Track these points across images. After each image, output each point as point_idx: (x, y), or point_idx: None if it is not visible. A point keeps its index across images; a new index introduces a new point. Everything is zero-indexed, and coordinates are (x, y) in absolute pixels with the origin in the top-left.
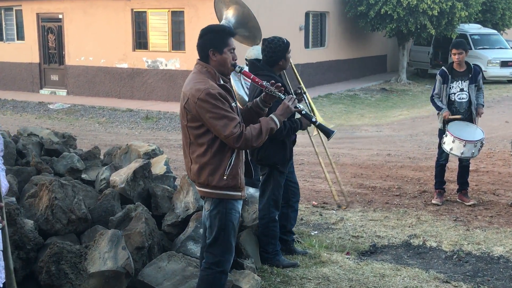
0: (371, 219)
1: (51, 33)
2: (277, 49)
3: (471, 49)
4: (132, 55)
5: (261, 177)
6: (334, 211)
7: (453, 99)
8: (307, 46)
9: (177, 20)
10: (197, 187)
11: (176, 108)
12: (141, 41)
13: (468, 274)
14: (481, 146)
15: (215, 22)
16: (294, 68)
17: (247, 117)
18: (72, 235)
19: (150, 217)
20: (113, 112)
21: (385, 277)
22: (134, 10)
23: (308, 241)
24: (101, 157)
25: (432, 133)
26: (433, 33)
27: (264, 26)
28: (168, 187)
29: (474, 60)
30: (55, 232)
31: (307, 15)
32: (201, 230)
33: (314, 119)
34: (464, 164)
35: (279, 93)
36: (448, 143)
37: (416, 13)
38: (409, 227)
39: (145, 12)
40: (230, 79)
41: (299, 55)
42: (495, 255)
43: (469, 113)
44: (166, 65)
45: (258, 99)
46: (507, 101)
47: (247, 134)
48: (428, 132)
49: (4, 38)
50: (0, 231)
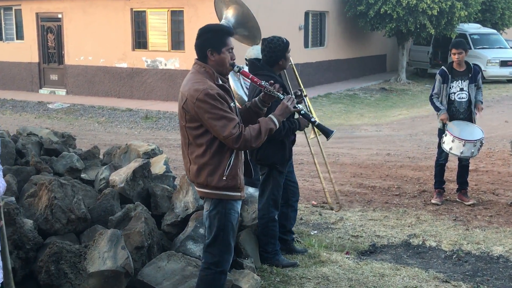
0: (370, 218)
1: (51, 33)
2: (276, 49)
3: (470, 48)
4: (131, 55)
5: (260, 176)
6: (334, 211)
7: (453, 99)
8: (306, 45)
9: (176, 19)
10: (196, 188)
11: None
12: (140, 40)
13: (467, 273)
14: (480, 146)
15: (214, 22)
16: (295, 69)
17: (246, 117)
18: (72, 234)
19: (150, 216)
20: (113, 112)
21: (384, 277)
22: (134, 10)
23: (308, 241)
24: (101, 156)
25: (432, 132)
26: (432, 33)
27: (263, 26)
28: (168, 187)
29: (474, 59)
30: (55, 231)
31: (306, 14)
32: (201, 230)
33: (313, 119)
34: (463, 164)
35: (278, 93)
36: (448, 142)
37: (416, 12)
38: (408, 226)
39: (145, 11)
40: (228, 79)
41: (299, 54)
42: (495, 255)
43: (469, 113)
44: (165, 64)
45: (257, 98)
46: (506, 100)
47: (246, 135)
48: (428, 131)
49: (4, 37)
50: None
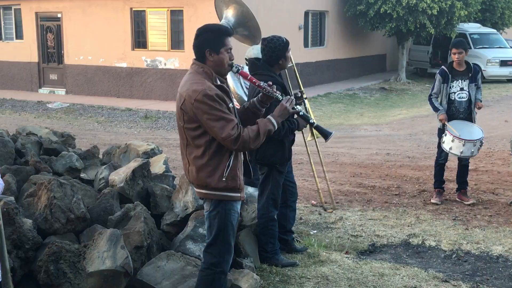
0: (370, 218)
1: (50, 32)
2: (276, 48)
3: (470, 48)
4: (131, 54)
5: (260, 176)
6: (334, 211)
7: (453, 99)
8: (306, 45)
9: (176, 19)
10: (195, 189)
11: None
12: (140, 40)
13: (467, 273)
14: (480, 146)
15: (214, 21)
16: (296, 70)
17: (244, 117)
18: (71, 234)
19: (149, 216)
20: (112, 111)
21: (384, 276)
22: (133, 9)
23: (307, 240)
24: (100, 156)
25: (432, 132)
26: (432, 32)
27: (263, 25)
28: (167, 186)
29: (474, 59)
30: (54, 231)
31: (306, 14)
32: (200, 230)
33: (311, 121)
34: (463, 164)
35: (276, 94)
36: (448, 142)
37: (416, 12)
38: (408, 226)
39: (144, 11)
40: (226, 79)
41: (298, 54)
42: (494, 254)
43: (469, 112)
44: (165, 64)
45: (255, 99)
46: (506, 100)
47: (244, 136)
48: (428, 131)
49: (3, 37)
50: None
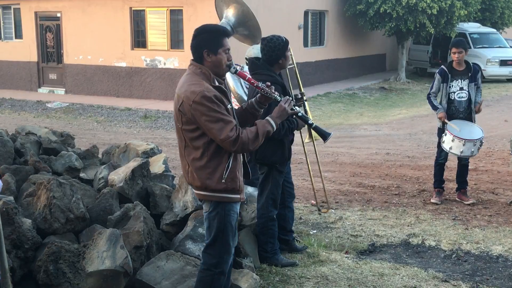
0: (370, 218)
1: (49, 32)
2: (276, 48)
3: (470, 48)
4: (130, 54)
5: (260, 176)
6: (333, 210)
7: (452, 98)
8: (306, 45)
9: (175, 18)
10: (194, 190)
11: None
12: (139, 39)
13: (467, 273)
14: (480, 145)
15: (213, 21)
16: (297, 71)
17: (243, 118)
18: (70, 234)
19: (149, 216)
20: (112, 111)
21: (384, 276)
22: (133, 9)
23: (307, 240)
24: (100, 156)
25: (431, 132)
26: (432, 32)
27: (263, 25)
28: (167, 186)
29: (474, 59)
30: (53, 231)
31: (306, 13)
32: (200, 229)
33: (310, 121)
34: (463, 163)
35: (275, 95)
36: (448, 142)
37: (415, 11)
38: (408, 226)
39: (144, 10)
40: (225, 80)
41: (298, 54)
42: (494, 254)
43: (469, 112)
44: (164, 63)
45: (253, 100)
46: (506, 100)
47: (243, 138)
48: (427, 131)
49: (2, 36)
50: None
